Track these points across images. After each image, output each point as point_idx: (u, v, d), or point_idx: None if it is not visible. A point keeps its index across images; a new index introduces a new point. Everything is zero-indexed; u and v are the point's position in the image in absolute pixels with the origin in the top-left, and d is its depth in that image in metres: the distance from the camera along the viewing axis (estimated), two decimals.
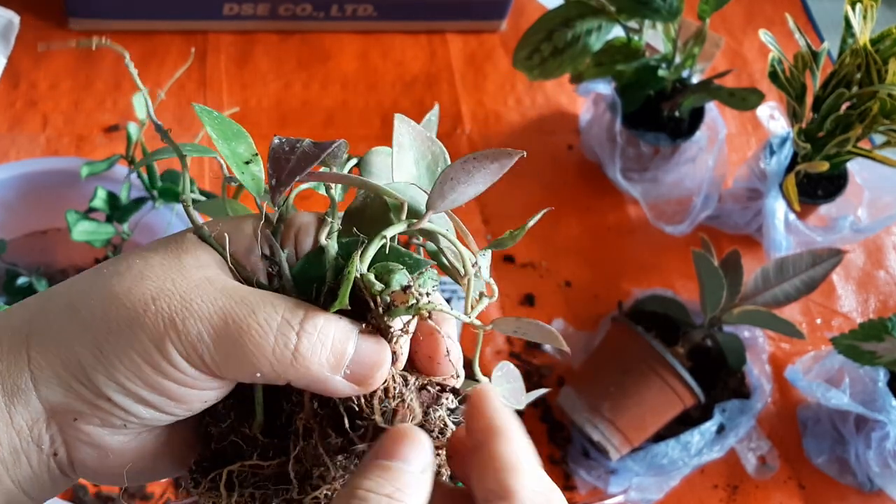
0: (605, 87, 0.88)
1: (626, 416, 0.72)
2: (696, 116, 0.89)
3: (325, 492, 0.30)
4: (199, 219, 0.31)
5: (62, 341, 0.29)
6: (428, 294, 0.31)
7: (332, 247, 0.31)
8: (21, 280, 0.67)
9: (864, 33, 0.78)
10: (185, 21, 0.96)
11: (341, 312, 0.30)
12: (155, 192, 0.67)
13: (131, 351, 0.28)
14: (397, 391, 0.30)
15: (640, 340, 0.73)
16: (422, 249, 0.35)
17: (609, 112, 0.89)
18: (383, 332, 0.30)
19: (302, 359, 0.28)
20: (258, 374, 0.28)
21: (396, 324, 0.31)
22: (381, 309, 0.30)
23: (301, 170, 0.29)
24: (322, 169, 0.32)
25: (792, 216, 0.83)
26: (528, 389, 0.85)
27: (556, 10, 0.80)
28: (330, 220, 0.32)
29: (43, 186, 0.69)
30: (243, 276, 0.31)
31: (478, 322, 0.33)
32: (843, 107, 0.79)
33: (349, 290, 0.29)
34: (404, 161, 0.33)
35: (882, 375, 0.74)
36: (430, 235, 0.33)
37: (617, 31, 0.82)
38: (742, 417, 0.74)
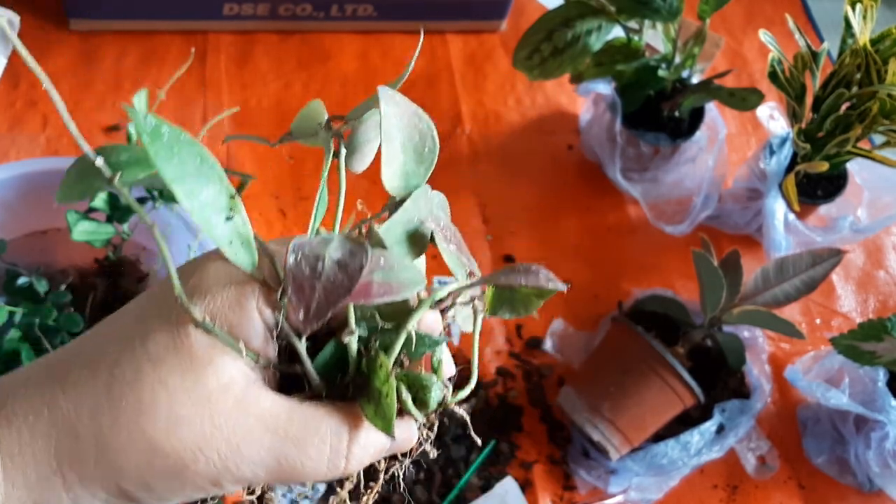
0: (605, 87, 0.88)
1: (626, 416, 0.72)
2: (696, 116, 0.89)
3: None
4: (198, 312, 0.28)
5: (104, 479, 0.29)
6: (448, 387, 0.32)
7: (354, 346, 0.31)
8: (21, 280, 0.67)
9: (863, 33, 0.78)
10: (185, 21, 0.96)
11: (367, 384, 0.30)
12: (155, 193, 0.67)
13: (186, 488, 0.29)
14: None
15: (640, 340, 0.73)
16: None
17: (609, 112, 0.89)
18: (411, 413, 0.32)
19: (350, 471, 0.31)
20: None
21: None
22: (413, 413, 0.32)
23: (332, 304, 0.26)
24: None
25: (792, 216, 0.83)
26: (529, 389, 0.85)
27: (556, 10, 0.80)
28: (353, 323, 0.30)
29: (43, 186, 0.69)
30: (261, 364, 0.30)
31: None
32: (843, 107, 0.79)
33: (393, 419, 0.29)
34: (392, 151, 0.32)
35: (882, 375, 0.74)
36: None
37: (617, 32, 0.82)
38: (742, 417, 0.74)
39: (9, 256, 0.69)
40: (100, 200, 0.65)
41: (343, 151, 0.33)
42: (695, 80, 0.89)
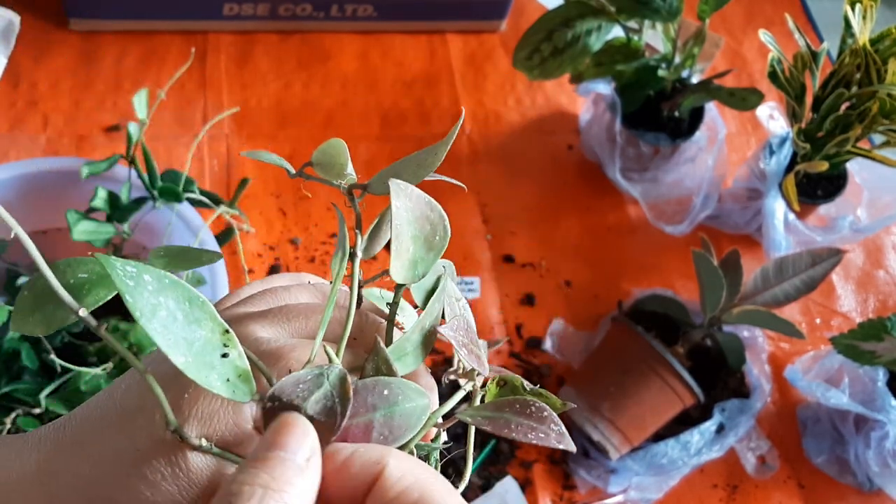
0: (604, 87, 0.88)
1: (626, 416, 0.72)
2: (696, 116, 0.89)
3: None
4: (195, 439, 0.26)
5: None
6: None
7: None
8: (22, 280, 0.67)
9: (863, 33, 0.78)
10: (186, 21, 0.96)
11: None
12: (155, 192, 0.67)
13: None
14: None
15: (640, 340, 0.73)
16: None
17: (609, 112, 0.89)
18: None
19: None
20: None
21: None
22: None
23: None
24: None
25: (791, 216, 0.83)
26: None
27: (556, 11, 0.80)
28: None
29: (43, 186, 0.69)
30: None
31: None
32: (843, 107, 0.79)
33: None
34: (402, 244, 0.31)
35: (881, 375, 0.74)
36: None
37: (617, 32, 0.82)
38: (741, 417, 0.74)
39: (9, 256, 0.69)
40: (100, 200, 0.65)
41: (359, 256, 0.32)
42: (694, 80, 0.89)
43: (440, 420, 0.31)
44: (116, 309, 0.54)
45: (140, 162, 0.66)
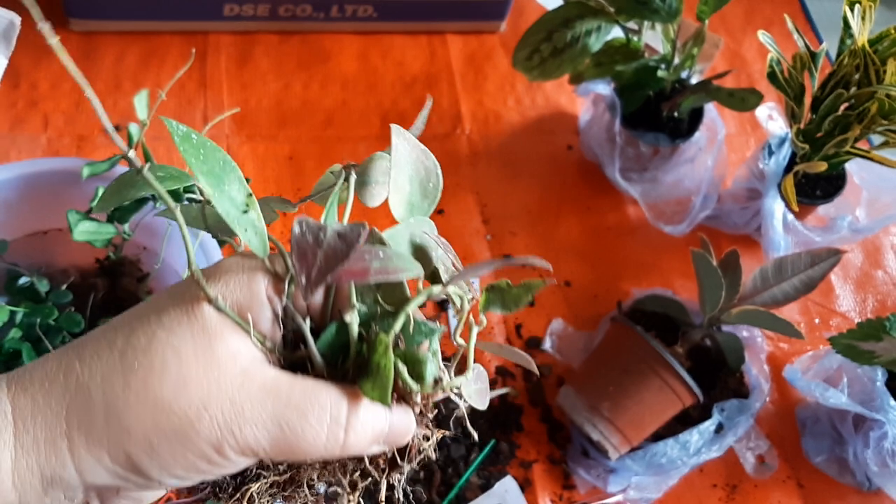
0: (604, 88, 0.88)
1: (626, 416, 0.72)
2: (696, 117, 0.90)
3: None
4: (211, 291, 0.31)
5: (110, 442, 0.29)
6: (446, 371, 0.34)
7: (355, 327, 0.32)
8: (22, 280, 0.67)
9: (862, 34, 0.78)
10: (186, 21, 0.96)
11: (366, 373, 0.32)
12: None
13: (188, 453, 0.30)
14: (415, 441, 0.34)
15: (640, 340, 0.73)
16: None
17: (608, 112, 0.89)
18: (407, 399, 0.33)
19: (349, 447, 0.31)
20: (308, 460, 0.32)
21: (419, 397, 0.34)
22: (412, 393, 0.33)
23: (331, 269, 0.29)
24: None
25: (790, 216, 0.83)
26: (528, 389, 0.85)
27: (556, 11, 0.80)
28: (354, 305, 0.32)
29: (44, 187, 0.69)
30: (268, 347, 0.32)
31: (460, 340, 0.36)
32: (842, 107, 0.79)
33: (390, 392, 0.31)
34: (400, 179, 0.34)
35: (880, 375, 0.74)
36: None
37: (616, 32, 0.82)
38: (741, 417, 0.74)
39: (10, 256, 0.69)
40: None
41: (353, 177, 0.34)
42: (694, 80, 0.89)
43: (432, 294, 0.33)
44: (115, 310, 0.54)
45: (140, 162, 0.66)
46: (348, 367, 0.32)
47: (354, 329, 0.32)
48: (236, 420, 0.29)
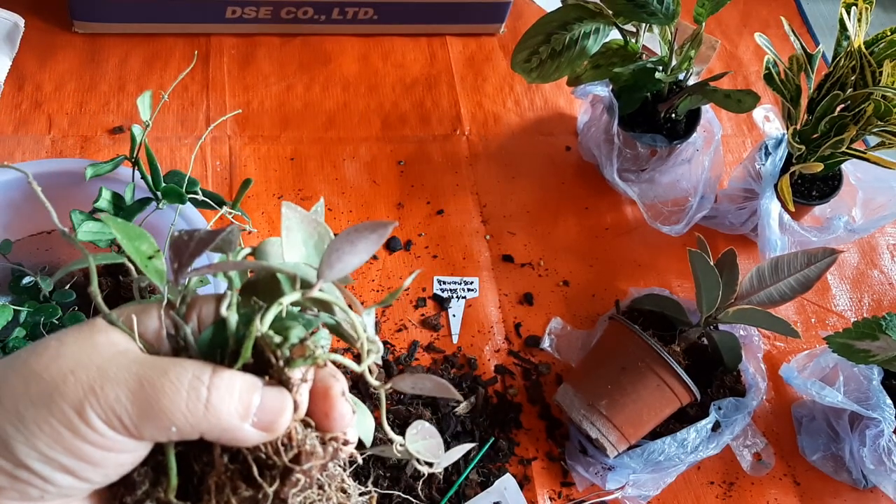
0: (602, 90, 0.89)
1: (624, 414, 0.73)
2: (693, 118, 0.90)
3: None
4: (106, 308, 0.33)
5: None
6: (322, 347, 0.34)
7: (233, 316, 0.34)
8: (26, 279, 0.68)
9: (858, 36, 0.78)
10: (189, 24, 0.97)
11: (247, 370, 0.33)
12: (159, 193, 0.67)
13: (52, 418, 0.30)
14: (300, 436, 0.33)
15: (637, 339, 0.74)
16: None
17: (606, 114, 0.90)
18: (285, 383, 0.33)
19: (213, 409, 0.31)
20: (173, 429, 0.31)
21: (296, 374, 0.33)
22: (281, 362, 0.33)
23: (199, 251, 0.33)
24: (219, 257, 0.35)
25: (787, 216, 0.84)
26: (527, 387, 0.85)
27: (554, 14, 0.81)
28: (230, 292, 0.34)
29: (48, 187, 0.69)
30: (152, 353, 0.34)
31: (376, 382, 0.36)
32: (838, 109, 0.79)
33: (251, 347, 0.32)
34: (294, 241, 0.36)
35: (876, 373, 0.75)
36: (322, 305, 0.35)
37: (614, 34, 0.83)
38: (738, 415, 0.75)
39: (14, 256, 0.69)
40: (104, 201, 0.66)
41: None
42: (691, 82, 0.90)
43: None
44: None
45: (144, 163, 0.67)
46: (227, 361, 0.34)
47: (232, 322, 0.34)
48: (99, 380, 0.30)
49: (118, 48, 0.96)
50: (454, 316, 0.84)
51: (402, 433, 0.39)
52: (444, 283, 0.86)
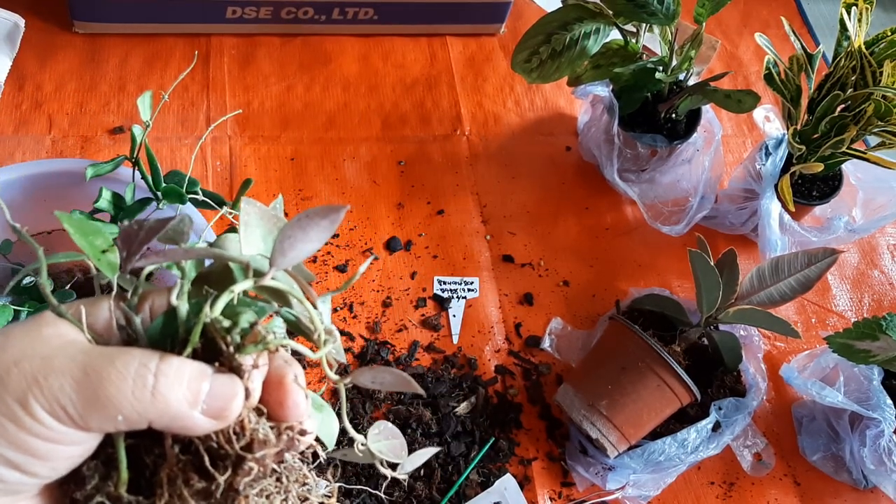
0: (602, 90, 0.89)
1: (624, 414, 0.73)
2: (693, 118, 0.90)
3: None
4: (55, 301, 0.33)
5: None
6: (275, 333, 0.33)
7: (183, 305, 0.33)
8: (26, 280, 0.68)
9: (859, 36, 0.78)
10: (189, 24, 0.97)
11: (197, 358, 0.32)
12: (159, 193, 0.67)
13: None
14: (252, 424, 0.32)
15: (638, 339, 0.74)
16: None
17: (606, 114, 0.90)
18: (236, 369, 0.32)
19: (161, 396, 0.30)
20: (120, 418, 0.30)
21: (247, 361, 0.32)
22: (231, 348, 0.32)
23: (148, 239, 0.33)
24: (170, 246, 0.35)
25: (787, 217, 0.84)
26: (528, 387, 0.85)
27: (555, 14, 0.81)
28: (180, 281, 0.34)
29: (48, 187, 0.70)
30: (102, 344, 0.33)
31: (334, 376, 0.35)
32: (838, 109, 0.79)
33: (199, 332, 0.32)
34: (252, 237, 0.35)
35: (876, 374, 0.75)
36: (276, 294, 0.34)
37: (614, 35, 0.83)
38: (738, 415, 0.75)
39: (14, 256, 0.69)
40: (104, 201, 0.66)
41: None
42: (691, 82, 0.90)
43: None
44: None
45: (144, 163, 0.67)
46: (177, 349, 0.33)
47: (183, 311, 0.33)
48: (43, 371, 0.29)
49: (118, 48, 0.96)
50: (454, 316, 0.84)
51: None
52: (445, 283, 0.86)
